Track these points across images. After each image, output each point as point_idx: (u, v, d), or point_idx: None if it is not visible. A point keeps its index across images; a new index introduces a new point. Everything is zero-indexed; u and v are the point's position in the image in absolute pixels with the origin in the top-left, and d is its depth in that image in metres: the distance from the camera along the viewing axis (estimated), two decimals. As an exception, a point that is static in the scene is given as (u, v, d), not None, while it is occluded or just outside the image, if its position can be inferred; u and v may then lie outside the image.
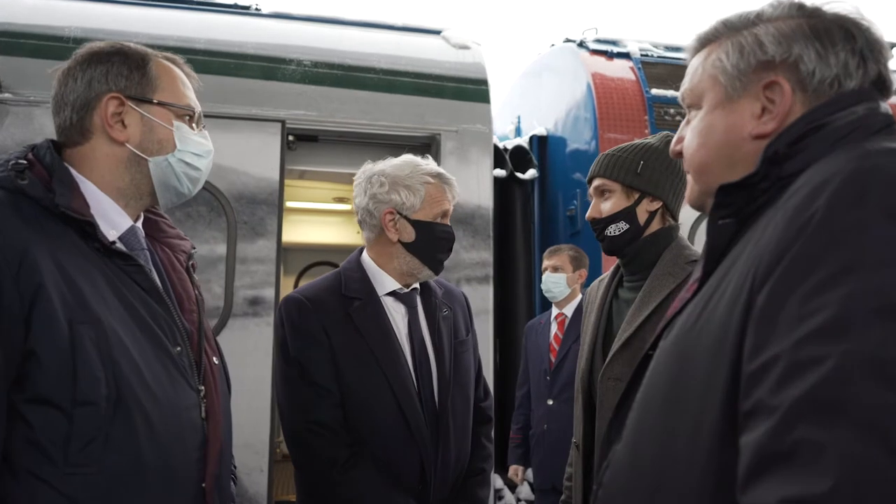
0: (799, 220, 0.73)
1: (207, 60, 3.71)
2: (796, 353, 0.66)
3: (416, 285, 1.93)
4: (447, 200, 1.87)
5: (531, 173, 4.85)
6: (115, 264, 1.16)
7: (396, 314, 1.87)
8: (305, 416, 1.74)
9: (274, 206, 3.68)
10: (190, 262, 1.39)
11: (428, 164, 1.90)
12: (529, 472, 3.63)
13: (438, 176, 1.87)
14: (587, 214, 1.82)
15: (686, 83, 1.02)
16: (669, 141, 1.81)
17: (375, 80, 3.95)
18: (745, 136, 0.92)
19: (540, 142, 5.02)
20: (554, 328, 3.40)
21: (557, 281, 3.38)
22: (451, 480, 1.83)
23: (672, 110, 4.39)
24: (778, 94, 0.90)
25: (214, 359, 1.33)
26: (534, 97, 5.46)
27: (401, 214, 1.84)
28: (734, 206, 0.89)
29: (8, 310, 0.99)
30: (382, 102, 3.93)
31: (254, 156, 3.63)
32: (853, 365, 0.62)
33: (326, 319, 1.79)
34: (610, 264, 4.19)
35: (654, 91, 4.41)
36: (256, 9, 4.28)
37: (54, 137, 1.23)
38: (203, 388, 1.25)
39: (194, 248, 1.41)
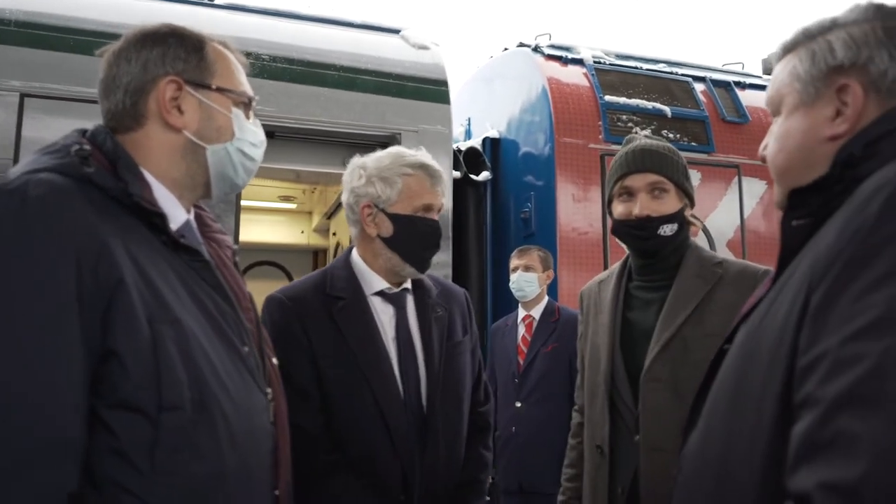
0: (853, 225, 0.77)
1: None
2: (841, 350, 0.71)
3: (408, 285, 1.85)
4: (430, 193, 1.77)
5: (485, 175, 4.87)
6: (181, 259, 1.09)
7: (384, 315, 1.79)
8: None
9: (231, 203, 3.55)
10: (235, 258, 1.32)
11: (414, 154, 1.80)
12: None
13: (422, 167, 1.77)
14: (638, 212, 1.71)
15: (769, 91, 1.06)
16: None
17: (336, 78, 3.88)
18: (821, 139, 0.95)
19: (493, 144, 5.05)
20: (522, 330, 3.42)
21: (530, 280, 3.41)
22: (440, 490, 1.74)
23: (624, 117, 4.51)
24: (850, 97, 0.93)
25: (274, 360, 1.27)
26: (485, 100, 5.49)
27: (378, 208, 1.77)
28: (808, 209, 0.92)
29: (88, 307, 0.91)
30: (342, 100, 3.87)
31: (211, 151, 3.50)
32: (889, 362, 0.67)
33: (308, 320, 1.72)
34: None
35: (608, 98, 4.51)
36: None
37: None
38: (269, 390, 1.19)
39: (236, 244, 1.34)
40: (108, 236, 0.96)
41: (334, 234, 6.12)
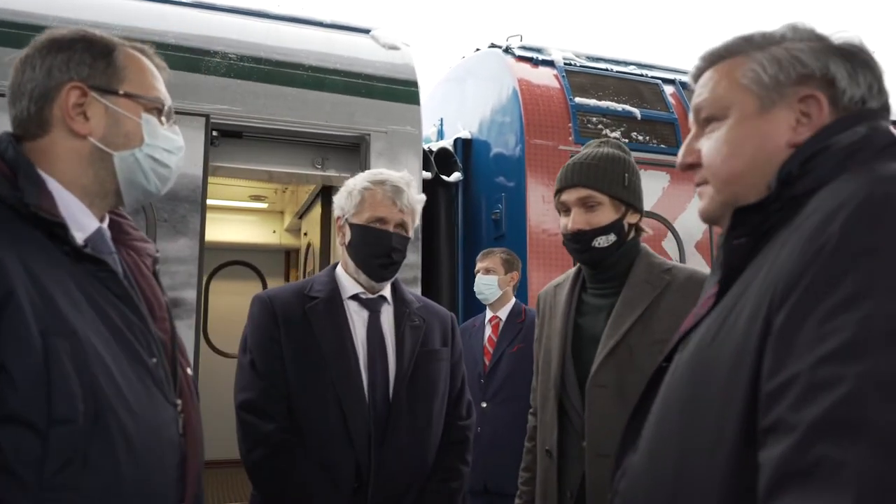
0: (815, 245, 0.76)
1: (125, 48, 3.51)
2: (814, 373, 0.69)
3: (386, 294, 1.96)
4: (384, 206, 1.87)
5: (456, 176, 4.87)
6: (85, 269, 1.06)
7: (357, 317, 1.90)
8: (243, 396, 1.79)
9: (196, 203, 3.53)
10: (156, 267, 1.30)
11: (383, 173, 1.93)
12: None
13: (382, 183, 1.89)
14: (570, 226, 1.76)
15: (705, 94, 1.02)
16: (629, 151, 1.86)
17: (304, 77, 3.86)
18: (781, 145, 0.93)
19: (464, 145, 5.06)
20: (488, 331, 3.42)
21: (489, 283, 3.41)
22: (400, 489, 1.78)
23: (595, 119, 4.53)
24: (814, 108, 0.92)
25: (188, 370, 1.25)
26: (457, 100, 5.49)
27: (344, 218, 1.93)
28: (748, 227, 0.91)
29: None
30: (311, 100, 3.85)
31: (176, 151, 3.46)
32: (868, 386, 0.65)
33: (283, 315, 1.84)
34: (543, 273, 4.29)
35: (578, 99, 4.53)
36: (176, -4, 4.08)
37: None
38: (180, 401, 1.17)
39: (158, 251, 1.32)
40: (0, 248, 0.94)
41: (305, 234, 6.09)
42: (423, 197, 1.96)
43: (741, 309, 0.84)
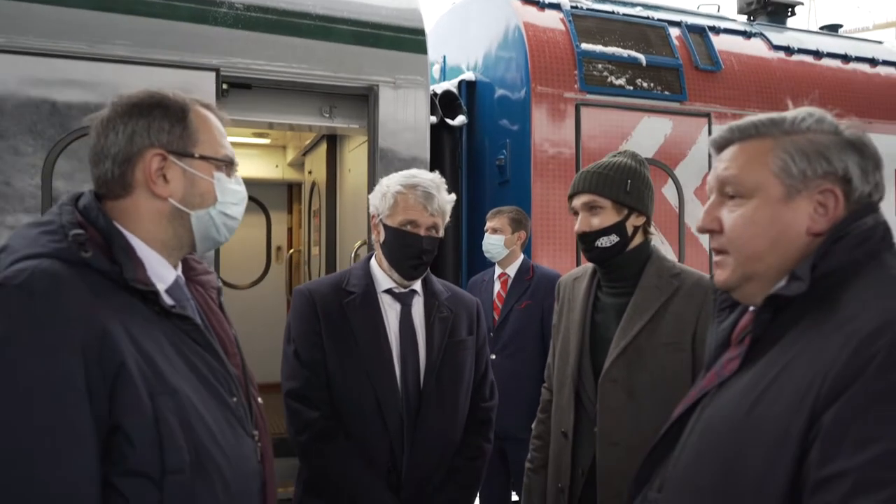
0: (863, 355, 0.87)
1: (133, 0, 3.48)
2: (863, 472, 0.81)
3: (417, 287, 2.08)
4: (415, 210, 1.97)
5: (460, 119, 4.89)
6: (173, 325, 1.19)
7: (390, 310, 2.04)
8: (289, 385, 1.98)
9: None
10: (220, 298, 1.42)
11: (416, 175, 2.01)
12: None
13: (413, 187, 1.98)
14: (577, 228, 1.94)
15: (733, 171, 1.10)
16: (643, 161, 1.97)
17: (312, 27, 3.84)
18: (801, 232, 1.05)
19: (468, 87, 5.05)
20: (497, 287, 3.58)
21: (495, 243, 3.54)
22: (427, 469, 1.97)
23: (600, 66, 4.53)
24: (831, 201, 1.04)
25: (259, 399, 1.40)
26: (460, 38, 5.44)
27: (378, 218, 2.04)
28: (776, 307, 1.04)
29: (95, 392, 1.02)
30: (319, 50, 3.84)
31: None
32: None
33: (323, 308, 1.99)
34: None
35: (584, 46, 4.51)
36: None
37: None
38: (256, 432, 1.32)
39: (220, 279, 1.44)
40: (108, 321, 1.05)
41: (310, 172, 6.14)
42: (453, 197, 2.04)
43: (779, 390, 0.95)
